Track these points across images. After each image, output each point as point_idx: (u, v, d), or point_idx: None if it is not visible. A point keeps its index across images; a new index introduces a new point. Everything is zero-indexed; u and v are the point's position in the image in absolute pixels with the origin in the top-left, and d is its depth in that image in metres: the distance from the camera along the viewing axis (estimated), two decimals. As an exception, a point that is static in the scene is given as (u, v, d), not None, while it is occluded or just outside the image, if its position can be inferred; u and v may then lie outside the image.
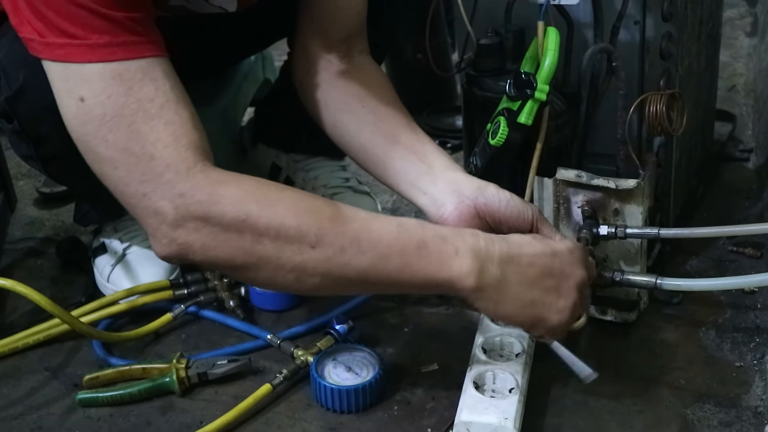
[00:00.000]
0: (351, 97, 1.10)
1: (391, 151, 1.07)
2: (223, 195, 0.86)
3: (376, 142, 1.08)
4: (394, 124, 1.08)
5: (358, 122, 1.10)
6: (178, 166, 0.86)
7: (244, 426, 1.01)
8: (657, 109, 1.07)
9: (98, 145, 0.87)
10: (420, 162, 1.05)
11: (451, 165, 1.05)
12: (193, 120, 0.89)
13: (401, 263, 0.88)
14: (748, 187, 1.43)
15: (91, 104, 0.86)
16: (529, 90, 1.00)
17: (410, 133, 1.07)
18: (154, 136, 0.86)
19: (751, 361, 1.06)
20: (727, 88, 1.79)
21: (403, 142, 1.07)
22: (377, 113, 1.09)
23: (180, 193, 0.85)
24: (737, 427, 0.96)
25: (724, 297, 1.16)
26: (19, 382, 1.11)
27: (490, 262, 0.89)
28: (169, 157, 0.86)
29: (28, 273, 1.34)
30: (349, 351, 1.07)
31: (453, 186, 1.02)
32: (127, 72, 0.86)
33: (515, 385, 0.97)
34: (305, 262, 0.87)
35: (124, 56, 0.86)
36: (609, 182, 1.04)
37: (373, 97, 1.10)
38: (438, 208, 1.02)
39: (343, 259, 0.87)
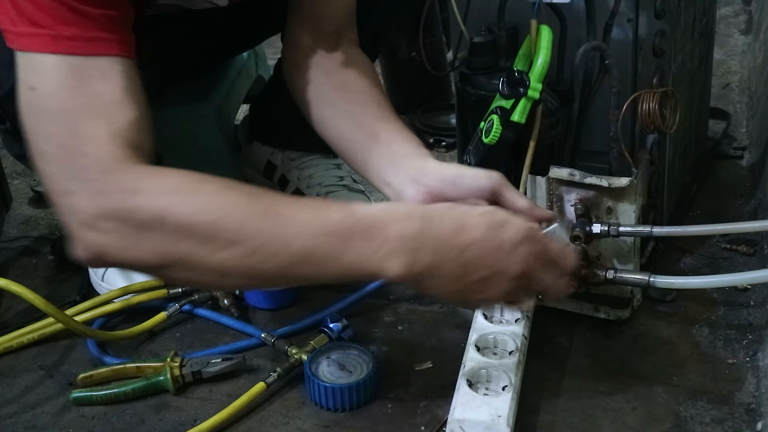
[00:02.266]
0: (333, 89, 1.10)
1: (359, 143, 1.07)
2: (141, 190, 0.83)
3: (349, 135, 1.08)
4: (370, 114, 1.08)
5: (336, 114, 1.10)
6: (104, 163, 0.84)
7: (238, 424, 1.01)
8: (650, 107, 1.07)
9: (39, 138, 0.86)
10: (388, 153, 1.04)
11: (413, 151, 1.03)
12: (138, 123, 0.88)
13: (324, 257, 0.83)
14: (741, 185, 1.43)
15: (39, 95, 0.85)
16: (522, 88, 1.00)
17: (381, 123, 1.07)
18: (92, 133, 0.85)
19: (743, 358, 1.06)
20: (722, 85, 1.79)
21: (375, 134, 1.06)
22: (353, 104, 1.09)
23: (99, 190, 0.83)
24: (730, 423, 0.97)
25: (717, 294, 1.17)
26: (14, 381, 1.11)
27: (422, 250, 0.83)
28: (99, 155, 0.84)
29: (22, 272, 1.34)
30: (343, 349, 1.08)
31: (412, 174, 1.00)
32: (84, 67, 0.85)
33: (508, 383, 0.97)
34: (221, 263, 0.83)
35: (86, 51, 0.85)
36: (602, 180, 1.04)
37: (353, 87, 1.10)
38: (398, 197, 1.01)
39: (261, 256, 0.82)
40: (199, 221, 0.83)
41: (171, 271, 0.86)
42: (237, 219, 0.83)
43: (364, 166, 1.07)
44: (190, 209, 0.83)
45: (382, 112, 1.08)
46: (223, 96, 1.48)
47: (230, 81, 1.50)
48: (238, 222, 0.83)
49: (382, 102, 1.09)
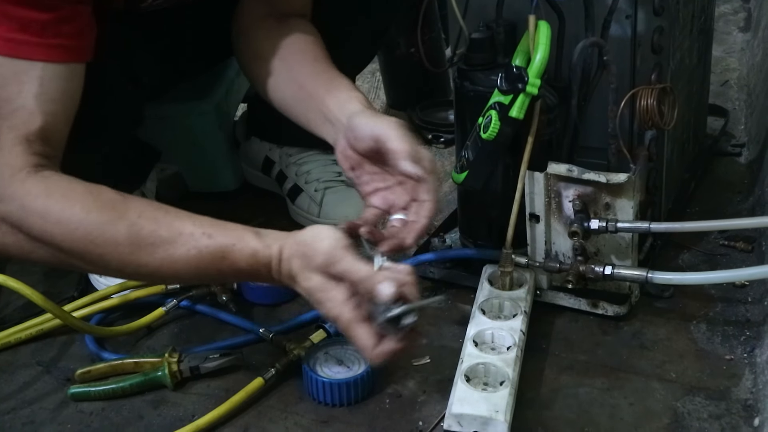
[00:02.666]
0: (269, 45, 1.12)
1: (301, 103, 1.09)
2: (30, 210, 0.88)
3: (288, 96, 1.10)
4: (303, 73, 1.09)
5: (275, 80, 1.12)
6: (3, 170, 0.88)
7: (236, 419, 1.01)
8: (648, 104, 1.07)
9: None
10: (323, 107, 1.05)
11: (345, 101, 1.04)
12: (44, 131, 0.89)
13: (195, 273, 0.91)
14: (739, 182, 1.43)
15: None
16: (520, 84, 1.01)
17: (315, 79, 1.08)
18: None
19: (741, 354, 1.06)
20: (720, 83, 1.79)
21: (308, 91, 1.08)
22: (291, 66, 1.10)
23: None
24: (727, 419, 0.97)
25: (714, 291, 1.17)
26: (12, 377, 1.11)
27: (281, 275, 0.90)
28: None
29: (20, 268, 1.33)
30: (341, 345, 1.08)
31: (337, 123, 1.02)
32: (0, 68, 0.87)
33: (506, 378, 0.98)
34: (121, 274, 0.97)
35: (6, 52, 0.87)
36: (600, 176, 1.04)
37: (291, 41, 1.11)
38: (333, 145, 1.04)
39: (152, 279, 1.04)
40: (86, 251, 0.89)
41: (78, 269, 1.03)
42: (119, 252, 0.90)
43: (306, 123, 1.09)
44: (75, 240, 0.89)
45: (316, 68, 1.09)
46: (223, 93, 1.48)
47: (230, 79, 1.50)
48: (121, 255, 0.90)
49: (319, 57, 1.11)
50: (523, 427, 0.97)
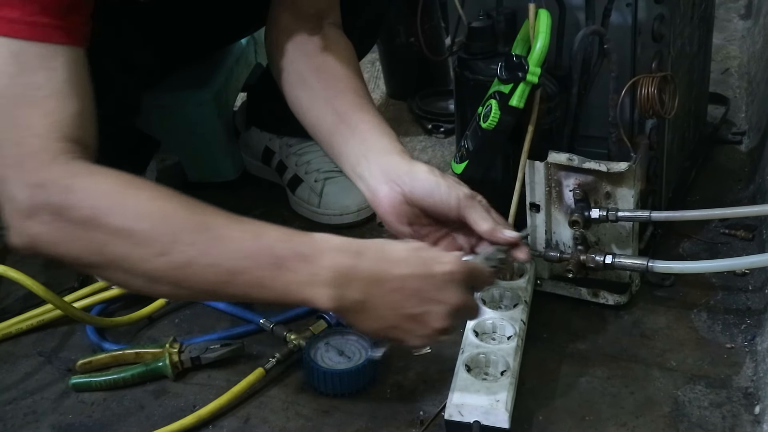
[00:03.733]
0: (310, 71, 1.09)
1: (336, 132, 1.05)
2: (78, 189, 0.83)
3: (324, 121, 1.06)
4: (344, 101, 1.06)
5: (311, 97, 1.08)
6: (42, 156, 0.84)
7: (237, 410, 1.01)
8: (649, 92, 1.07)
9: None
10: (360, 144, 1.02)
11: (388, 147, 1.01)
12: (78, 117, 0.87)
13: (254, 279, 0.84)
14: (740, 170, 1.43)
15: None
16: (520, 73, 1.00)
17: (357, 111, 1.05)
18: (28, 123, 0.84)
19: (742, 342, 1.06)
20: (721, 71, 1.78)
21: (348, 122, 1.04)
22: (330, 89, 1.07)
23: (36, 183, 0.83)
24: (728, 407, 0.97)
25: (715, 279, 1.17)
26: (13, 367, 1.11)
27: (351, 286, 0.84)
28: (36, 146, 0.84)
29: (21, 259, 1.33)
30: (342, 335, 1.08)
31: (386, 172, 0.98)
32: (24, 54, 0.84)
33: (507, 368, 0.98)
34: (154, 270, 0.83)
35: (28, 35, 0.84)
36: (600, 165, 1.04)
37: (330, 71, 1.08)
38: (372, 195, 1.00)
39: (192, 270, 0.83)
40: (133, 227, 0.83)
41: (103, 271, 0.87)
42: (171, 229, 0.83)
43: (338, 156, 1.06)
44: (125, 214, 0.83)
45: (360, 101, 1.06)
46: (222, 82, 1.47)
47: (229, 68, 1.50)
48: (172, 233, 0.83)
49: (360, 90, 1.07)
50: (524, 417, 0.97)
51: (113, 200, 0.84)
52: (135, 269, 0.84)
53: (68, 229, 0.83)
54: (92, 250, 0.84)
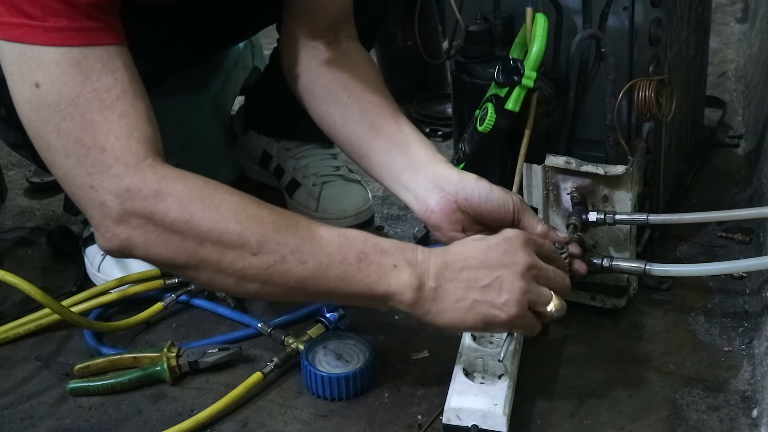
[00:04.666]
0: (337, 86, 1.10)
1: (374, 144, 1.06)
2: (168, 193, 0.86)
3: (360, 134, 1.07)
4: (379, 114, 1.07)
5: (343, 113, 1.09)
6: (128, 159, 0.85)
7: (235, 414, 1.01)
8: (646, 95, 1.07)
9: (50, 133, 0.86)
10: (402, 156, 1.04)
11: (433, 157, 1.03)
12: (148, 114, 0.88)
13: (341, 274, 0.88)
14: (737, 173, 1.43)
15: (45, 91, 0.85)
16: (516, 76, 1.01)
17: (394, 123, 1.06)
18: (107, 127, 0.85)
19: (739, 345, 1.06)
20: (718, 74, 1.79)
21: (386, 134, 1.06)
22: (362, 102, 1.08)
23: (126, 188, 0.85)
24: (725, 411, 0.97)
25: (713, 282, 1.17)
26: (11, 372, 1.11)
27: (426, 276, 0.89)
28: (119, 149, 0.85)
29: (18, 263, 1.34)
30: (340, 339, 1.08)
31: (434, 181, 1.01)
32: (86, 60, 0.85)
33: (505, 372, 0.98)
34: (245, 269, 0.87)
35: (81, 42, 0.85)
36: (598, 168, 1.04)
37: (359, 84, 1.09)
38: (421, 205, 1.02)
39: (284, 267, 0.87)
40: (225, 229, 0.86)
41: (193, 272, 0.89)
42: (262, 230, 0.87)
43: (378, 168, 1.07)
44: (217, 217, 0.86)
45: (394, 113, 1.08)
46: (219, 86, 1.48)
47: (226, 71, 1.50)
48: (264, 233, 0.87)
49: (391, 103, 1.09)
50: (522, 420, 0.97)
51: (204, 203, 0.87)
52: (226, 269, 0.87)
53: (160, 233, 0.86)
54: (184, 252, 0.87)
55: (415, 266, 0.89)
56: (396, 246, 0.91)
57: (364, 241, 0.90)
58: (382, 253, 0.89)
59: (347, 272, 0.88)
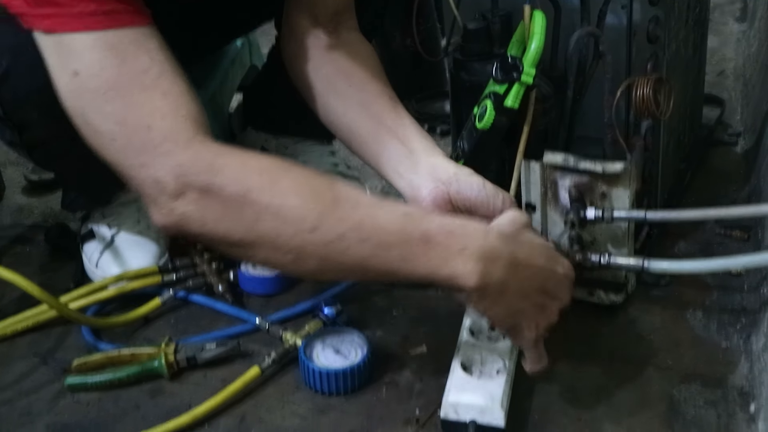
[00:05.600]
0: (338, 76, 1.10)
1: (375, 135, 1.06)
2: (224, 166, 0.84)
3: (360, 124, 1.07)
4: (379, 104, 1.07)
5: (344, 104, 1.09)
6: (177, 136, 0.84)
7: (233, 409, 1.01)
8: (644, 93, 1.07)
9: (94, 119, 0.86)
10: (401, 146, 1.04)
11: (432, 149, 1.04)
12: (190, 92, 0.88)
13: (403, 254, 0.84)
14: (735, 171, 1.43)
15: (85, 77, 0.84)
16: (515, 73, 1.01)
17: (394, 115, 1.07)
18: (151, 106, 0.84)
19: (737, 341, 1.06)
20: (716, 73, 1.79)
21: (387, 125, 1.06)
22: (363, 92, 1.08)
23: (179, 164, 0.84)
24: (723, 406, 0.97)
25: (711, 279, 1.17)
26: (8, 368, 1.11)
27: (495, 264, 0.86)
28: (167, 127, 0.84)
29: (16, 260, 1.34)
30: (338, 334, 1.08)
31: (430, 171, 1.01)
32: (120, 43, 0.85)
33: (502, 367, 0.98)
34: (304, 245, 0.84)
35: (111, 25, 0.84)
36: (596, 165, 1.04)
37: (360, 74, 1.09)
38: (414, 192, 1.02)
39: (343, 245, 0.83)
40: (284, 203, 0.84)
41: (249, 249, 0.86)
42: (322, 205, 0.84)
43: (376, 158, 1.07)
44: (277, 191, 0.84)
45: (394, 105, 1.08)
46: (217, 84, 1.48)
47: (224, 69, 1.50)
48: (324, 208, 0.84)
49: (391, 94, 1.09)
50: (520, 416, 0.97)
51: (263, 177, 0.85)
52: (284, 245, 0.84)
53: (217, 207, 0.84)
54: (242, 227, 0.84)
55: (485, 252, 0.85)
56: (465, 228, 0.86)
57: (429, 219, 0.86)
58: (448, 235, 0.85)
59: (411, 253, 0.84)
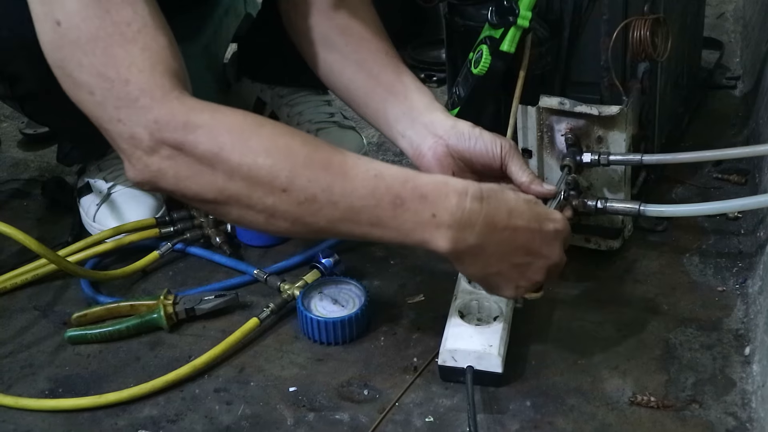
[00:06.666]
0: (335, 33, 1.08)
1: (372, 93, 1.05)
2: (197, 125, 0.83)
3: (358, 83, 1.06)
4: (377, 62, 1.05)
5: (341, 61, 1.07)
6: (154, 91, 0.83)
7: (233, 359, 1.02)
8: (641, 34, 1.05)
9: (74, 70, 0.84)
10: (400, 104, 1.03)
11: (430, 105, 1.03)
12: (171, 48, 0.86)
13: (374, 218, 0.84)
14: (734, 115, 1.42)
15: (66, 27, 0.83)
16: (511, 17, 0.99)
17: (392, 71, 1.05)
18: (130, 60, 0.83)
19: (733, 285, 1.07)
20: (716, 15, 1.77)
21: (384, 82, 1.04)
22: (360, 50, 1.06)
23: (155, 119, 0.83)
24: (718, 349, 0.98)
25: (708, 224, 1.17)
26: (9, 322, 1.12)
27: (470, 229, 0.84)
28: (144, 82, 0.83)
29: (14, 214, 1.34)
30: (336, 284, 1.08)
31: (429, 127, 1.00)
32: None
33: (499, 314, 0.98)
34: (275, 205, 0.84)
35: None
36: (592, 109, 1.03)
37: (358, 31, 1.07)
38: (414, 149, 1.01)
39: (314, 207, 0.83)
40: (255, 163, 0.83)
41: (221, 207, 0.86)
42: (294, 166, 0.83)
43: (375, 115, 1.06)
44: (248, 150, 0.83)
45: (393, 61, 1.06)
46: (211, 34, 1.46)
47: (218, 19, 1.48)
48: (295, 169, 0.83)
49: (390, 50, 1.07)
50: (517, 361, 0.97)
51: (235, 136, 0.84)
52: (256, 205, 0.84)
53: (190, 165, 0.84)
54: (214, 186, 0.84)
55: (459, 218, 0.84)
56: (439, 190, 0.84)
57: (403, 182, 0.84)
58: (421, 200, 0.84)
59: (381, 217, 0.84)
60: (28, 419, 0.96)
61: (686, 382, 0.93)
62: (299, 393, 0.97)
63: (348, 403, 0.95)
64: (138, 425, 0.94)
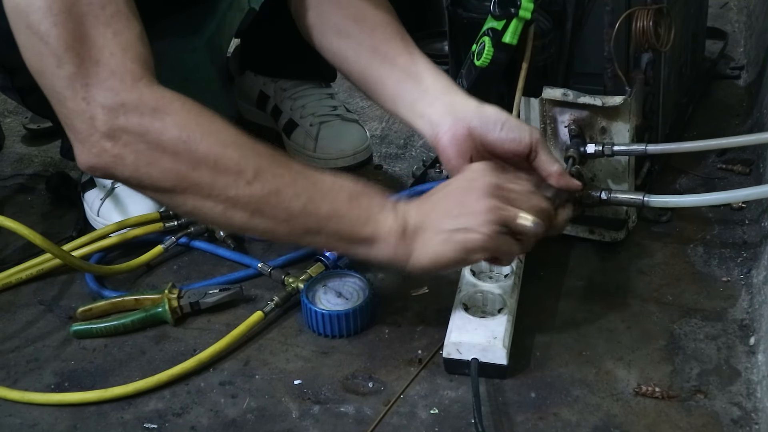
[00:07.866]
0: (349, 21, 1.07)
1: (388, 76, 1.04)
2: (167, 112, 0.84)
3: (374, 69, 1.05)
4: (391, 47, 1.05)
5: (355, 47, 1.07)
6: (123, 75, 0.83)
7: (237, 353, 1.02)
8: (644, 25, 1.05)
9: (40, 39, 0.83)
10: (417, 85, 1.02)
11: (450, 87, 1.02)
12: (142, 37, 0.87)
13: (331, 211, 0.89)
14: (738, 105, 1.42)
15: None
16: (513, 8, 0.99)
17: (407, 55, 1.04)
18: (102, 42, 0.83)
19: (738, 275, 1.07)
20: (720, 5, 1.76)
21: (400, 66, 1.04)
22: (374, 36, 1.06)
23: (122, 103, 0.83)
24: (723, 339, 0.98)
25: (712, 214, 1.17)
26: (14, 316, 1.12)
27: (408, 218, 0.90)
28: (114, 65, 0.83)
29: (18, 209, 1.34)
30: (340, 277, 1.08)
31: (449, 108, 0.99)
32: None
33: (504, 306, 0.98)
34: (237, 197, 0.86)
35: None
36: (595, 100, 1.03)
37: (370, 17, 1.06)
38: (433, 128, 1.00)
39: (277, 199, 0.87)
40: (226, 154, 0.85)
41: (180, 197, 0.87)
42: (260, 160, 0.87)
43: (393, 99, 1.05)
44: (218, 141, 0.85)
45: (407, 45, 1.06)
46: (215, 28, 1.46)
47: (221, 13, 1.48)
48: (261, 163, 0.87)
49: (403, 35, 1.07)
50: (522, 353, 0.97)
51: (204, 127, 0.85)
52: (217, 196, 0.86)
53: (152, 152, 0.84)
54: (175, 174, 0.85)
55: (398, 211, 0.91)
56: (382, 193, 0.93)
57: (354, 184, 0.91)
58: (370, 197, 0.91)
59: (338, 210, 0.89)
60: (35, 413, 0.97)
61: (691, 373, 0.93)
62: (304, 386, 0.97)
63: (353, 396, 0.95)
64: (144, 419, 0.94)
